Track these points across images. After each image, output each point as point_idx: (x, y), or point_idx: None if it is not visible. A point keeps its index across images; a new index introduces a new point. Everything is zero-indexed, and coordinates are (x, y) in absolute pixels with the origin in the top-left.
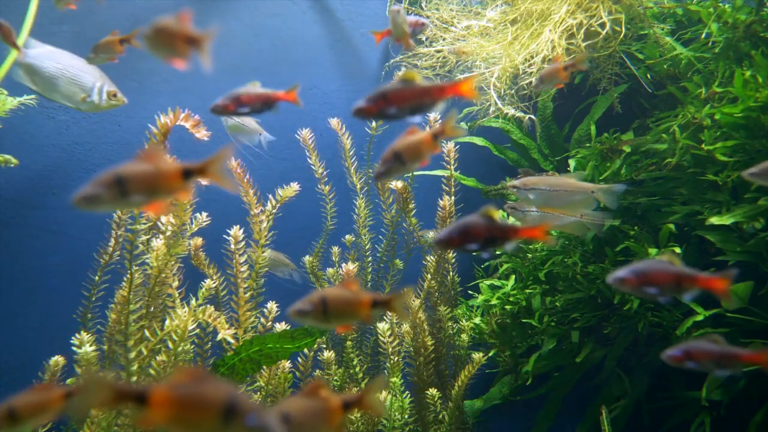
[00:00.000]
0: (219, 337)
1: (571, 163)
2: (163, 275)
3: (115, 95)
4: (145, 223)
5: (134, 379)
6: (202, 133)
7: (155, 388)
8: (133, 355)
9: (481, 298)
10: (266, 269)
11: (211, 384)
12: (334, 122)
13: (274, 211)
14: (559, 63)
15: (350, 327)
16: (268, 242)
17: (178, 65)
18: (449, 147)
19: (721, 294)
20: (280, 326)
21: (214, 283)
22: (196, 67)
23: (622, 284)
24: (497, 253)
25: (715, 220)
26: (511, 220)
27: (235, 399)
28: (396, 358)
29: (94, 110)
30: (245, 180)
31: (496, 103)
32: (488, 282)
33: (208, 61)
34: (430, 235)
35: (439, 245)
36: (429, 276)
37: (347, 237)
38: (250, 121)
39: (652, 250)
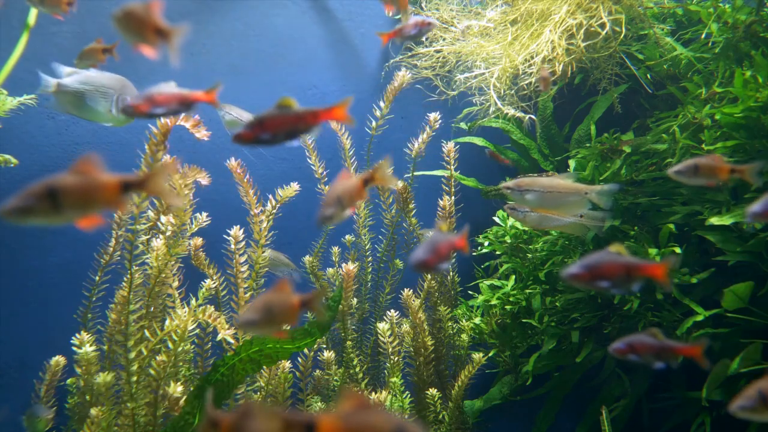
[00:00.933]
0: (219, 337)
1: (571, 163)
2: (163, 275)
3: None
4: (145, 223)
5: (134, 379)
6: (202, 133)
7: (324, 418)
8: (133, 355)
9: (481, 298)
10: (266, 269)
11: (379, 413)
12: (334, 122)
13: (274, 211)
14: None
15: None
16: (268, 242)
17: (147, 53)
18: (449, 147)
19: (661, 280)
20: None
21: (214, 283)
22: (195, 67)
23: (575, 280)
24: (497, 252)
25: (715, 221)
26: (510, 221)
27: (404, 428)
28: (396, 358)
29: (123, 123)
30: (245, 180)
31: (496, 104)
32: (488, 282)
33: (175, 56)
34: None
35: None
36: (429, 276)
37: (347, 237)
38: (248, 117)
39: (652, 250)
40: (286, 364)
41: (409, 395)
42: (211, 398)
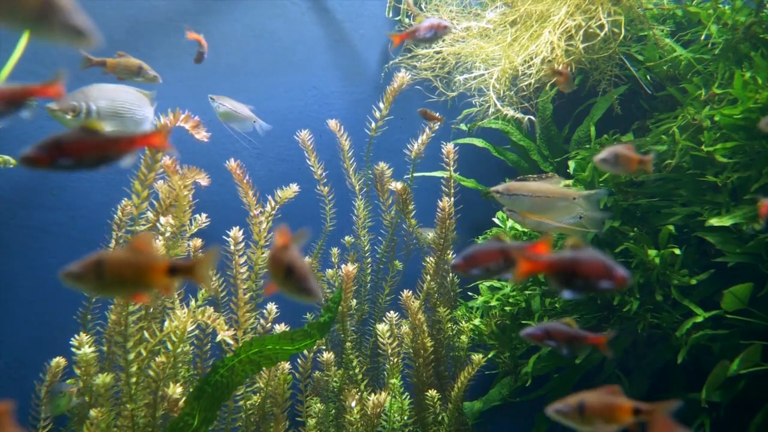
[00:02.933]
0: (218, 338)
1: (571, 164)
2: None
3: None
4: (144, 225)
5: (133, 380)
6: (202, 135)
7: None
8: (132, 356)
9: (480, 299)
10: (266, 270)
11: None
12: (333, 124)
13: (274, 212)
14: None
15: (143, 298)
16: (267, 243)
17: None
18: (449, 148)
19: (521, 269)
20: (280, 327)
21: (214, 284)
22: (195, 67)
23: (456, 270)
24: None
25: (714, 222)
26: (510, 223)
27: None
28: (395, 360)
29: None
30: (245, 181)
31: (495, 105)
32: (488, 283)
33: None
34: (430, 236)
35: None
36: (428, 277)
37: (347, 238)
38: (242, 108)
39: (652, 252)
40: (286, 366)
41: (408, 396)
42: None
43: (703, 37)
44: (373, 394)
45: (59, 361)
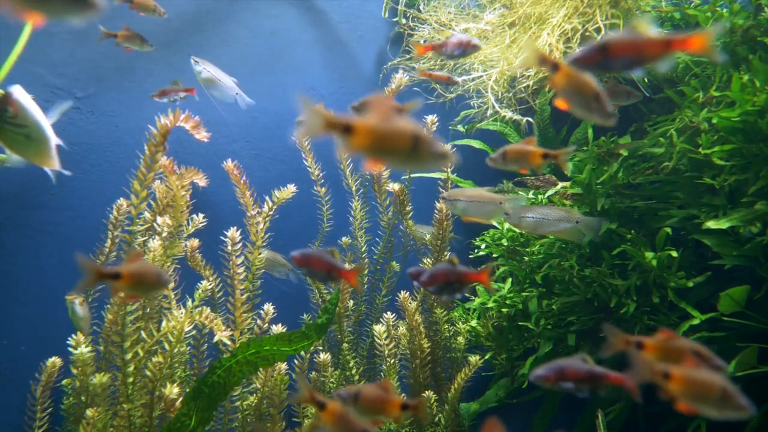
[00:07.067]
0: (216, 338)
1: (569, 166)
2: None
3: None
4: (142, 225)
5: (130, 380)
6: (202, 135)
7: (359, 121)
8: (129, 356)
9: (477, 300)
10: (263, 271)
11: (402, 120)
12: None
13: (271, 212)
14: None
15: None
16: (264, 243)
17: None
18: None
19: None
20: (277, 328)
21: (211, 284)
22: (194, 70)
23: (413, 278)
24: (494, 255)
25: (711, 224)
26: (507, 226)
27: (419, 132)
28: (392, 361)
29: None
30: (242, 182)
31: (493, 106)
32: None
33: None
34: (428, 237)
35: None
36: None
37: (344, 239)
38: (225, 77)
39: (649, 254)
40: (283, 366)
41: (405, 398)
42: None
43: None
44: None
45: (55, 361)
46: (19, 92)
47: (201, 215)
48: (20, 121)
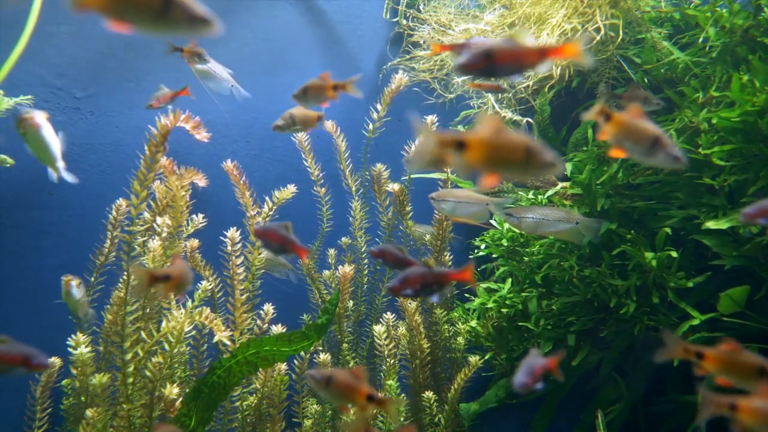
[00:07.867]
0: (215, 339)
1: (568, 166)
2: None
3: None
4: (141, 225)
5: (130, 380)
6: (203, 135)
7: (472, 137)
8: (129, 356)
9: (477, 301)
10: (263, 271)
11: (513, 134)
12: (330, 125)
13: (271, 213)
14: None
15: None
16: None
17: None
18: None
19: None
20: (277, 328)
21: (210, 284)
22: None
23: (391, 292)
24: (494, 255)
25: (711, 225)
26: (506, 226)
27: (531, 144)
28: (392, 361)
29: None
30: (242, 182)
31: (493, 107)
32: (485, 285)
33: None
34: (428, 237)
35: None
36: None
37: (343, 239)
38: (221, 69)
39: (649, 254)
40: (283, 367)
41: (405, 398)
42: None
43: (700, 40)
44: None
45: (54, 361)
46: (39, 117)
47: (201, 215)
48: (29, 140)
